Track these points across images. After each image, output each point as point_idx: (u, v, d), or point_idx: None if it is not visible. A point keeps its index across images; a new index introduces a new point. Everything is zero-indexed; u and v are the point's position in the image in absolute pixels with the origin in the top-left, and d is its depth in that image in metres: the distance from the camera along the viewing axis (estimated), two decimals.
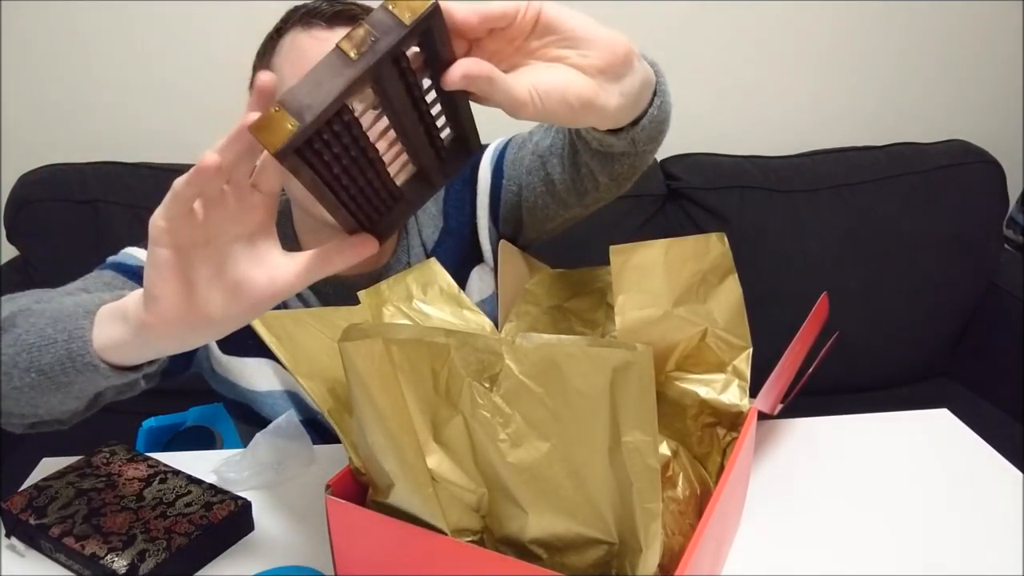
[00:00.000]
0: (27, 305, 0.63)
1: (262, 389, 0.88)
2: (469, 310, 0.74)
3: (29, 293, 0.68)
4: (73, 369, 0.55)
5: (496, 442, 0.50)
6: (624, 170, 0.76)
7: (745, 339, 0.66)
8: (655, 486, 0.47)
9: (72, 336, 0.55)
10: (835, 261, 1.52)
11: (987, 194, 1.56)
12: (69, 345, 0.55)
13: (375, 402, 0.50)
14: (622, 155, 0.73)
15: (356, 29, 0.41)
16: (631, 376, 0.46)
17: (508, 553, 0.54)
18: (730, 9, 1.59)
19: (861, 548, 0.70)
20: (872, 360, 1.55)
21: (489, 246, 0.93)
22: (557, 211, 0.86)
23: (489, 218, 0.91)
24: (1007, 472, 0.80)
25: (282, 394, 0.89)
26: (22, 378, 0.58)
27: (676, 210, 1.53)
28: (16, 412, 0.62)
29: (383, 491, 0.55)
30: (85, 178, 1.43)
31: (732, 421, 0.66)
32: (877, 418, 0.90)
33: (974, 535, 0.71)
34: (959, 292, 1.57)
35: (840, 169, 1.54)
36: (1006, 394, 1.48)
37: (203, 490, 0.73)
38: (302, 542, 0.71)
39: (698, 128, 1.66)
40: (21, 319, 0.61)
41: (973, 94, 1.73)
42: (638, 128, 0.65)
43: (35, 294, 0.68)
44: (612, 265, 0.61)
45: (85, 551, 0.66)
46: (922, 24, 1.65)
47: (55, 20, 1.49)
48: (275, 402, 0.88)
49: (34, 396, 0.59)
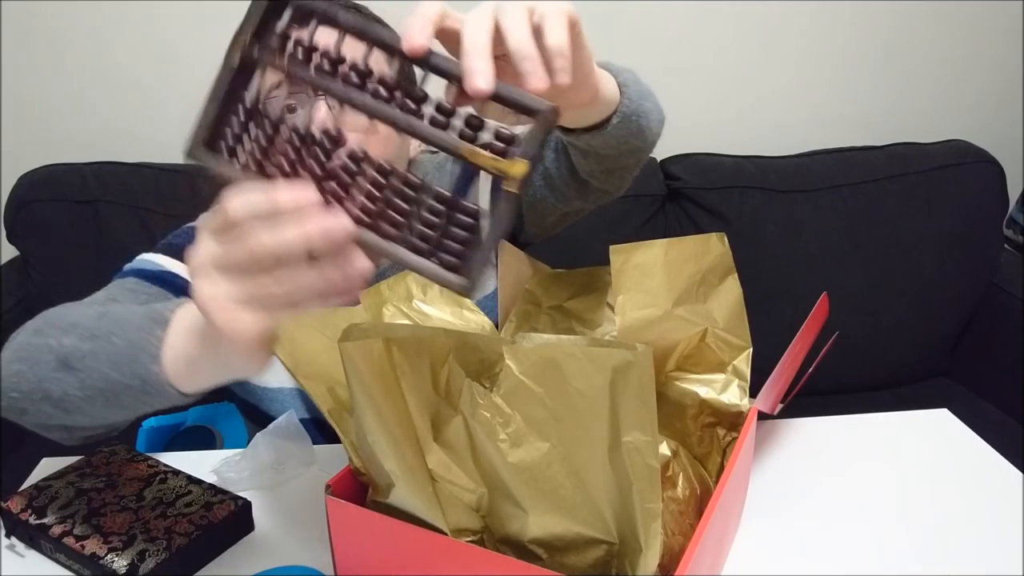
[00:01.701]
0: (75, 346, 0.58)
1: (272, 385, 0.88)
2: (469, 310, 0.74)
3: (57, 317, 0.64)
4: (146, 400, 0.55)
5: (496, 442, 0.50)
6: (612, 165, 0.76)
7: (745, 339, 0.66)
8: (655, 486, 0.47)
9: (147, 381, 0.54)
10: (835, 261, 1.52)
11: (987, 194, 1.56)
12: (145, 387, 0.54)
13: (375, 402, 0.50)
14: (602, 154, 0.73)
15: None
16: (631, 376, 0.46)
17: (508, 553, 0.54)
18: (730, 9, 1.59)
19: (861, 548, 0.70)
20: (872, 360, 1.55)
21: None
22: (556, 204, 0.86)
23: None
24: (1007, 472, 0.80)
25: (292, 391, 0.88)
26: (91, 407, 0.58)
27: (676, 210, 1.53)
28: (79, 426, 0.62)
29: (383, 491, 0.55)
30: (85, 178, 1.43)
31: (732, 421, 0.66)
32: (877, 418, 0.90)
33: (974, 535, 0.71)
34: (959, 292, 1.57)
35: (840, 169, 1.54)
36: (1006, 394, 1.48)
37: (203, 490, 0.73)
38: (302, 542, 0.71)
39: (698, 128, 1.66)
40: (77, 361, 0.58)
41: (973, 94, 1.73)
42: (607, 129, 0.65)
43: (68, 315, 0.63)
44: (612, 265, 0.61)
45: (85, 551, 0.66)
46: (922, 24, 1.65)
47: (55, 20, 1.49)
48: (284, 399, 0.88)
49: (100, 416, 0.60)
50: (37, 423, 0.63)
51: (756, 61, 1.65)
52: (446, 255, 0.43)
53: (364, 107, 0.43)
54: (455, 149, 0.43)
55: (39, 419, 0.62)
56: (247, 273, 0.42)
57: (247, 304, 0.42)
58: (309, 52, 0.44)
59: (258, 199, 0.40)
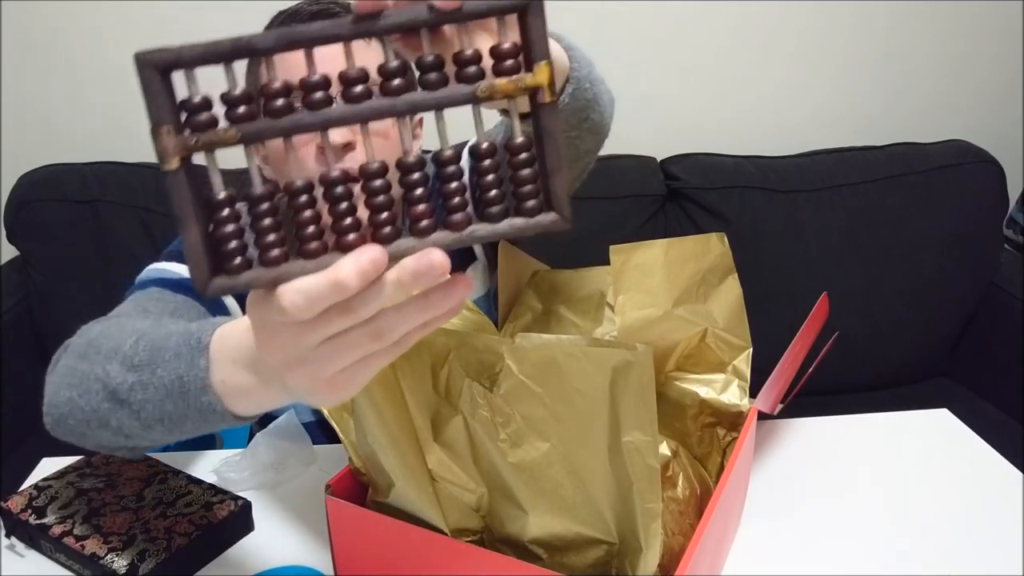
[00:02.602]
0: (121, 378, 0.55)
1: None
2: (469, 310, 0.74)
3: (98, 338, 0.60)
4: (205, 424, 0.53)
5: (496, 442, 0.50)
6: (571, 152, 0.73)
7: (745, 339, 0.66)
8: (655, 486, 0.47)
9: (203, 411, 0.51)
10: (835, 261, 1.52)
11: (987, 194, 1.56)
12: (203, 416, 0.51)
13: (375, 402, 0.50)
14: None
15: None
16: (631, 376, 0.46)
17: (508, 553, 0.54)
18: (730, 9, 1.59)
19: (861, 548, 0.70)
20: (872, 360, 1.55)
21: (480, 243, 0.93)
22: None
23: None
24: (1007, 472, 0.80)
25: None
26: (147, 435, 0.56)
27: (676, 210, 1.53)
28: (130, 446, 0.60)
29: (383, 491, 0.55)
30: (85, 178, 1.43)
31: (732, 421, 0.66)
32: (877, 418, 0.90)
33: (974, 535, 0.71)
34: (959, 292, 1.57)
35: (840, 169, 1.54)
36: (1006, 394, 1.48)
37: (203, 490, 0.73)
38: (302, 542, 0.71)
39: (698, 128, 1.66)
40: (125, 393, 0.55)
41: (973, 94, 1.73)
42: (563, 101, 0.62)
43: (108, 337, 0.60)
44: (612, 265, 0.61)
45: (85, 551, 0.66)
46: (922, 24, 1.65)
47: (54, 20, 1.49)
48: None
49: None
50: (98, 445, 0.61)
51: (756, 61, 1.65)
52: (525, 202, 0.38)
53: (348, 117, 0.37)
54: (470, 96, 0.37)
55: (100, 444, 0.60)
56: (346, 345, 0.38)
57: (352, 368, 0.39)
58: (245, 100, 0.36)
59: (321, 291, 0.35)
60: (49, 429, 0.61)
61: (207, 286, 0.36)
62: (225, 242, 0.36)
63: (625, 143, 1.56)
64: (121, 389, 0.55)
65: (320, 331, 0.37)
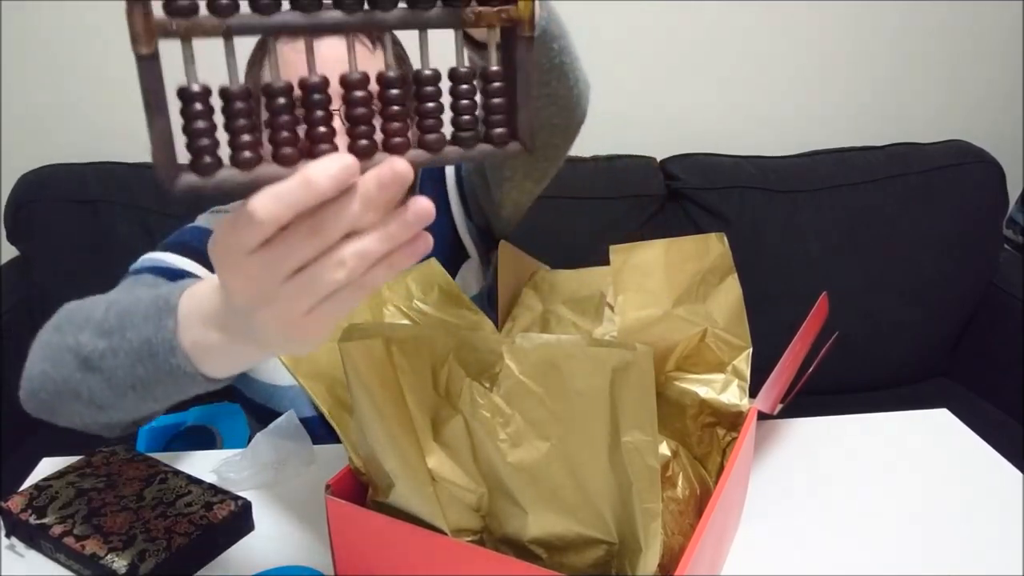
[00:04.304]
0: (92, 344, 0.56)
1: (284, 384, 0.88)
2: (469, 310, 0.74)
3: (74, 311, 0.61)
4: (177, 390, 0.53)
5: (496, 442, 0.50)
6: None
7: (745, 339, 0.66)
8: (655, 486, 0.47)
9: (172, 374, 0.51)
10: (835, 261, 1.52)
11: (987, 194, 1.56)
12: (173, 379, 0.51)
13: (375, 402, 0.50)
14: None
15: None
16: (631, 376, 0.46)
17: (508, 553, 0.54)
18: (730, 9, 1.59)
19: (861, 548, 0.70)
20: (872, 360, 1.56)
21: (471, 241, 0.94)
22: (485, 190, 0.87)
23: (463, 214, 0.94)
24: (1007, 472, 0.80)
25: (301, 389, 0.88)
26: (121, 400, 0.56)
27: (676, 210, 1.54)
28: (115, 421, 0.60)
29: (383, 491, 0.55)
30: (85, 178, 1.43)
31: (732, 421, 0.66)
32: (877, 418, 0.90)
33: (974, 535, 0.71)
34: (959, 292, 1.57)
35: (840, 169, 1.54)
36: (1006, 394, 1.48)
37: (203, 490, 0.73)
38: (302, 542, 0.71)
39: (698, 128, 1.66)
40: (96, 360, 0.55)
41: (973, 94, 1.73)
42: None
43: (82, 308, 0.60)
44: (612, 265, 0.61)
45: (85, 551, 0.66)
46: (922, 24, 1.65)
47: (54, 20, 1.49)
48: (295, 396, 0.88)
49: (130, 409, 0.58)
50: (70, 423, 0.61)
51: (756, 61, 1.65)
52: (493, 130, 0.39)
53: (341, 24, 0.35)
54: (457, 20, 0.37)
55: (72, 419, 0.60)
56: (312, 278, 0.37)
57: (319, 308, 0.39)
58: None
59: (293, 193, 0.34)
60: (23, 404, 0.61)
61: (174, 181, 0.35)
62: (197, 138, 0.35)
63: (625, 143, 1.56)
64: (92, 356, 0.54)
65: (287, 258, 0.37)
